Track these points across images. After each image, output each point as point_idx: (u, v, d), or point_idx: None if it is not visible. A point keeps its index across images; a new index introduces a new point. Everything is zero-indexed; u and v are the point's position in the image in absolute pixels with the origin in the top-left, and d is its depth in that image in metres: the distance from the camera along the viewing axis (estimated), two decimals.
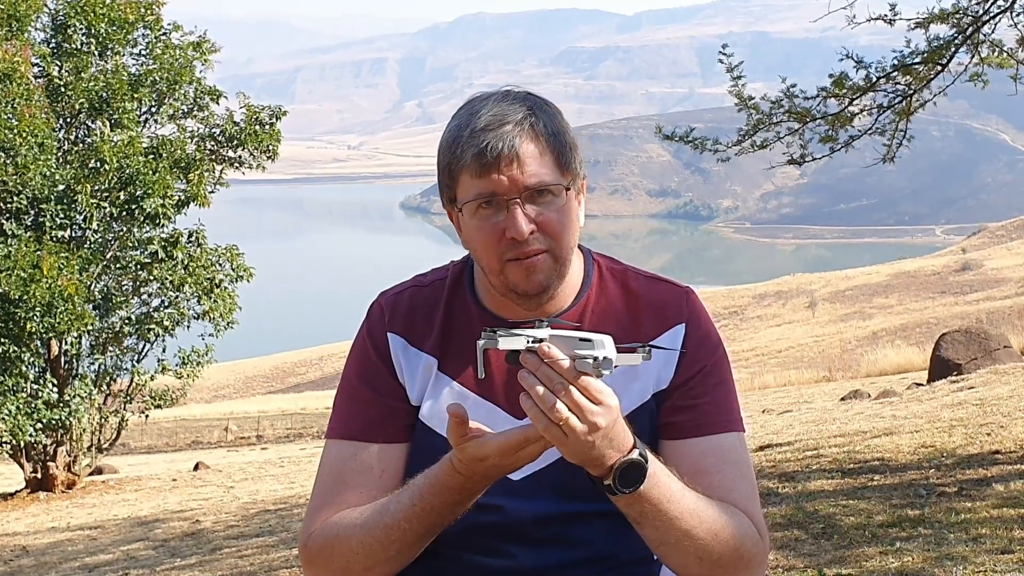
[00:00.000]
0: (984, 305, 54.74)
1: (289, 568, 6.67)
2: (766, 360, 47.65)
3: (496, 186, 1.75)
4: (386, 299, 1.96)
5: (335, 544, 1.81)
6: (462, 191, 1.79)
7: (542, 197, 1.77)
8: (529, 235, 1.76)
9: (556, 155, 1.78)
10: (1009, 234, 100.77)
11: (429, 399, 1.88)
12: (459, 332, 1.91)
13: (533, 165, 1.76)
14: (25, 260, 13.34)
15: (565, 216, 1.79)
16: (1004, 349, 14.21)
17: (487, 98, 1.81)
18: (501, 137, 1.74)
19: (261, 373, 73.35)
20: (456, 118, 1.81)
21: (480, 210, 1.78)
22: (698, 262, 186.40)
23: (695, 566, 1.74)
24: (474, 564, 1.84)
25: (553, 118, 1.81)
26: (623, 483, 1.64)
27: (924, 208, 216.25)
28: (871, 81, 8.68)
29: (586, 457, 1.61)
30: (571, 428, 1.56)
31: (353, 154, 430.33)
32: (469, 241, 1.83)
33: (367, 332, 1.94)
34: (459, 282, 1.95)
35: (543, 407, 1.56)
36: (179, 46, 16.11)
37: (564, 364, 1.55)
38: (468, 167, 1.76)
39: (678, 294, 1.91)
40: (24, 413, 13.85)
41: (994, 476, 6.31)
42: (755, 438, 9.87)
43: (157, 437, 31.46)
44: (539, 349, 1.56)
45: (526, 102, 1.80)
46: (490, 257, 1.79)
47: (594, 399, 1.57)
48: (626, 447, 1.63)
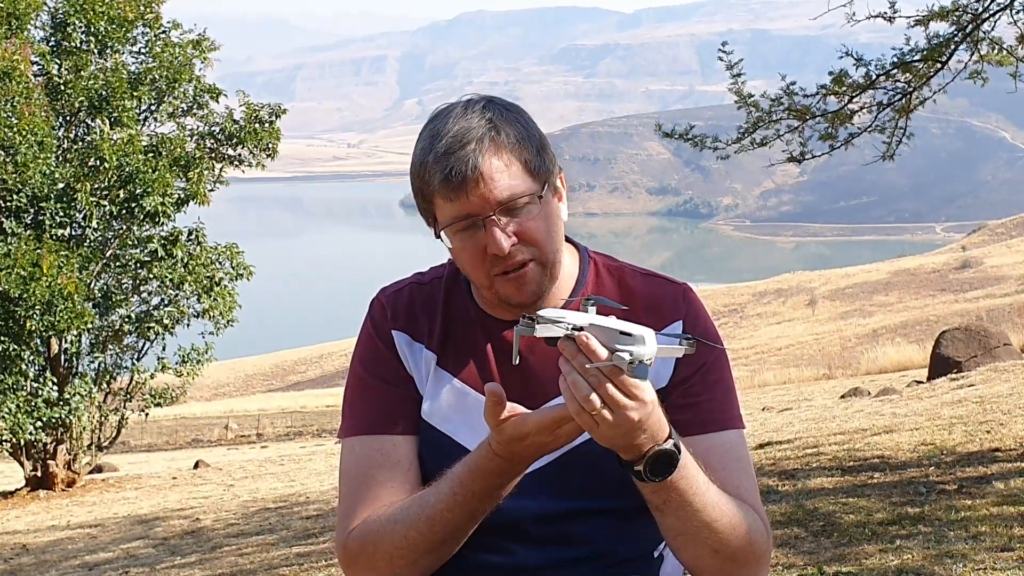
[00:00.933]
0: (984, 303, 54.73)
1: (289, 566, 6.67)
2: (766, 358, 47.64)
3: (469, 207, 1.75)
4: (386, 297, 1.96)
5: (377, 541, 1.79)
6: (439, 214, 1.79)
7: (517, 208, 1.76)
8: (512, 248, 1.76)
9: (523, 162, 1.77)
10: (1009, 232, 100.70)
11: (429, 396, 1.88)
12: (458, 330, 1.91)
13: (502, 179, 1.75)
14: (25, 258, 13.34)
15: (544, 221, 1.78)
16: (1004, 347, 14.22)
17: (448, 114, 1.79)
18: (462, 160, 1.73)
19: (261, 371, 73.33)
20: (421, 140, 1.81)
21: (459, 232, 1.78)
22: (698, 260, 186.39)
23: (709, 559, 1.74)
24: (474, 561, 1.83)
25: (514, 124, 1.79)
26: (654, 472, 1.64)
27: (924, 206, 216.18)
28: (871, 79, 8.68)
29: (616, 445, 1.62)
30: (603, 419, 1.56)
31: (353, 152, 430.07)
32: (456, 260, 1.84)
33: (372, 328, 1.93)
34: (456, 281, 1.95)
35: (577, 396, 1.56)
36: (179, 44, 16.10)
37: (601, 355, 1.54)
38: (438, 192, 1.76)
39: (675, 291, 1.90)
40: (24, 411, 13.85)
41: (994, 474, 6.31)
42: (755, 436, 9.87)
43: (157, 435, 31.44)
44: (577, 339, 1.56)
45: (485, 113, 1.78)
46: (478, 275, 1.80)
47: (629, 394, 1.56)
48: (662, 436, 1.63)
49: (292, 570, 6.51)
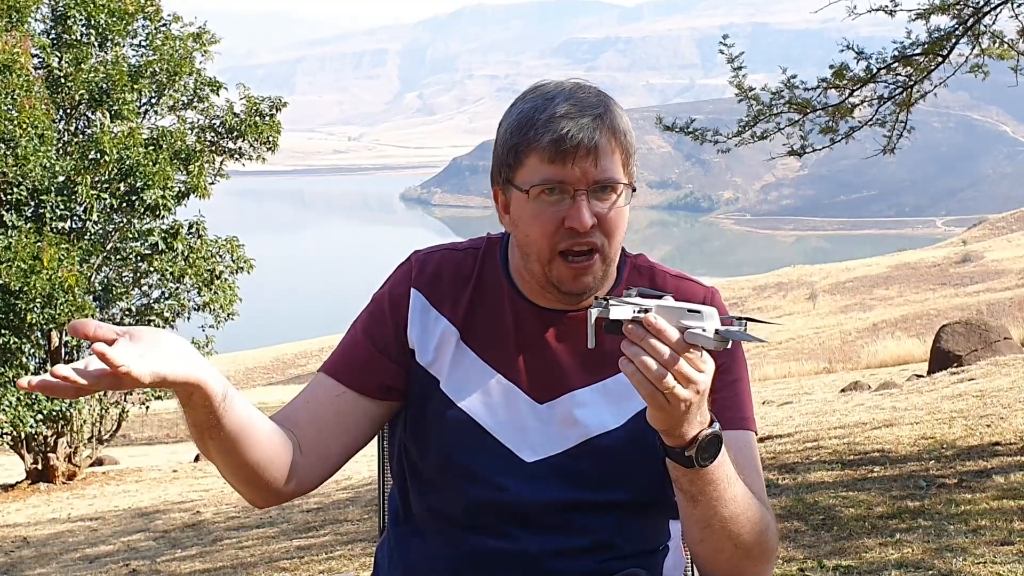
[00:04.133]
0: (984, 297, 54.70)
1: (289, 559, 6.68)
2: (766, 352, 47.58)
3: (567, 175, 1.74)
4: (418, 257, 1.96)
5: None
6: (526, 173, 1.77)
7: (605, 194, 1.77)
8: (590, 228, 1.76)
9: (623, 155, 1.79)
10: (1010, 226, 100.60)
11: (453, 373, 1.88)
12: (487, 307, 1.90)
13: (605, 160, 1.75)
14: (25, 251, 13.34)
15: (621, 216, 1.79)
16: (1004, 340, 14.21)
17: (561, 85, 1.81)
18: (582, 128, 1.74)
19: (261, 364, 73.31)
20: (527, 100, 1.80)
21: (543, 195, 1.76)
22: (699, 254, 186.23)
23: (728, 551, 1.75)
24: (477, 545, 1.84)
25: (623, 118, 1.80)
26: (703, 456, 1.65)
27: (924, 199, 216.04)
28: (872, 72, 8.68)
29: (675, 423, 1.62)
30: (675, 396, 1.57)
31: (353, 145, 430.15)
32: (521, 224, 1.81)
33: (390, 285, 1.94)
34: (492, 257, 1.94)
35: (650, 377, 1.56)
36: (179, 37, 16.11)
37: (673, 336, 1.56)
38: (541, 151, 1.75)
39: (703, 293, 1.93)
40: (25, 404, 13.86)
41: (994, 468, 6.31)
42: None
43: (158, 428, 31.48)
44: (645, 320, 1.56)
45: (601, 96, 1.80)
46: (542, 244, 1.78)
47: (698, 368, 1.58)
48: (707, 420, 1.65)
49: (292, 563, 6.52)
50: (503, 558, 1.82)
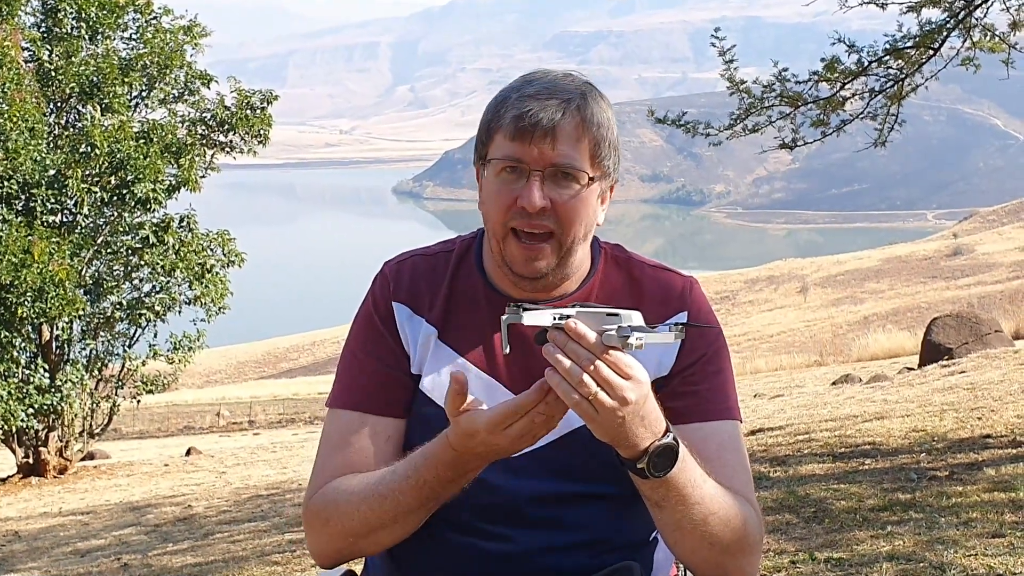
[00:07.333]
0: (975, 290, 54.90)
1: (281, 552, 6.67)
2: (757, 345, 47.71)
3: (524, 153, 1.75)
4: (390, 268, 1.95)
5: (333, 509, 1.80)
6: (493, 148, 1.80)
7: (565, 179, 1.76)
8: (540, 210, 1.75)
9: (593, 145, 1.78)
10: (1000, 219, 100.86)
11: (430, 370, 1.87)
12: (463, 305, 1.90)
13: (565, 145, 1.75)
14: (16, 245, 13.29)
15: (580, 205, 1.78)
16: (995, 334, 14.25)
17: (548, 71, 1.83)
18: (545, 108, 1.75)
19: (253, 358, 73.30)
20: (512, 83, 1.83)
21: (503, 173, 1.78)
22: (690, 247, 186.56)
23: (705, 551, 1.74)
24: (467, 542, 1.83)
25: (603, 112, 1.80)
26: (656, 467, 1.63)
27: (916, 193, 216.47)
28: (863, 65, 8.68)
29: (617, 435, 1.60)
30: (600, 403, 1.55)
31: (345, 139, 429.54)
32: (484, 200, 1.83)
33: (372, 302, 1.93)
34: (466, 256, 1.94)
35: (571, 381, 1.54)
36: (170, 30, 16.06)
37: (591, 338, 1.54)
38: (504, 128, 1.77)
39: (681, 283, 1.91)
40: (16, 398, 13.84)
41: (985, 460, 6.33)
42: (746, 423, 9.88)
43: (149, 422, 31.45)
44: (565, 326, 1.55)
45: (582, 87, 1.80)
46: (496, 220, 1.79)
47: (623, 374, 1.56)
48: (660, 429, 1.63)
49: (284, 556, 6.51)
50: (494, 556, 1.82)
